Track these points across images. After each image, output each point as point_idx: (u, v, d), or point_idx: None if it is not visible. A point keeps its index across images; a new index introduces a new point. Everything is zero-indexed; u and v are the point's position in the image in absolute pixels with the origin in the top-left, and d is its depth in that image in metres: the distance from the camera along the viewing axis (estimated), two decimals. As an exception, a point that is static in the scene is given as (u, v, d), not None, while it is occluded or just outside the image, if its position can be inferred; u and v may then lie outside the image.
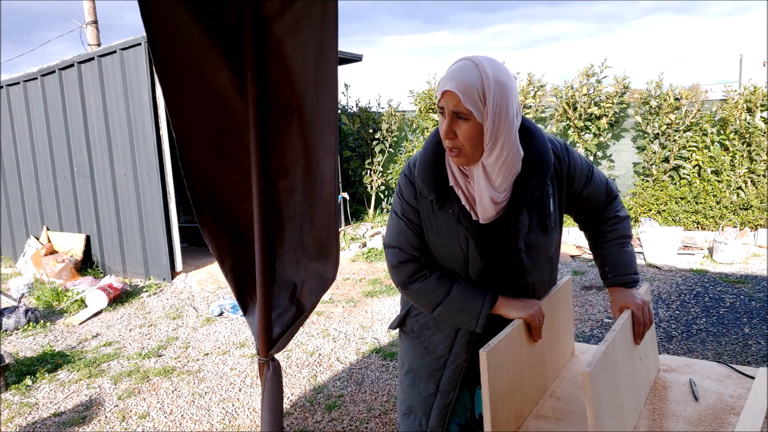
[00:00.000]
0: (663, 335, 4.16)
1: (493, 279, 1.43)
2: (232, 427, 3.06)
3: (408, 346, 1.60)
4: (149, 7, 1.15)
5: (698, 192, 7.49)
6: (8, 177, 7.90)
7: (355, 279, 6.04)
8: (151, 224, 6.07)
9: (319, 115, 1.33)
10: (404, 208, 1.44)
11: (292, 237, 1.48)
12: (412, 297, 1.48)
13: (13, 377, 3.75)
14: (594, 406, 1.08)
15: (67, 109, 6.63)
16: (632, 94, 8.29)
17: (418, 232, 1.44)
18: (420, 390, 1.56)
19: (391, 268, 1.47)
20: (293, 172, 1.40)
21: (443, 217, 1.39)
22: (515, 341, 1.34)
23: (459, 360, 1.49)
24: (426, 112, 9.28)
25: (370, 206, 9.95)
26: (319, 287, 1.49)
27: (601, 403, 1.12)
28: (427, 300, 1.44)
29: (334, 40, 1.22)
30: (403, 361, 1.64)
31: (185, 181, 1.37)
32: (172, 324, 4.83)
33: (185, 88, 1.28)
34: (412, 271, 1.44)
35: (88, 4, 10.07)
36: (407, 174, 1.44)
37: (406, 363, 1.62)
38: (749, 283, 5.30)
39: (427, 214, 1.41)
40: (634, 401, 1.35)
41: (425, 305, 1.46)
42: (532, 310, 1.39)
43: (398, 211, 1.46)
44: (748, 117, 7.29)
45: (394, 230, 1.47)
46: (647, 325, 1.44)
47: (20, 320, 4.85)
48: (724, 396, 1.44)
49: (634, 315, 1.43)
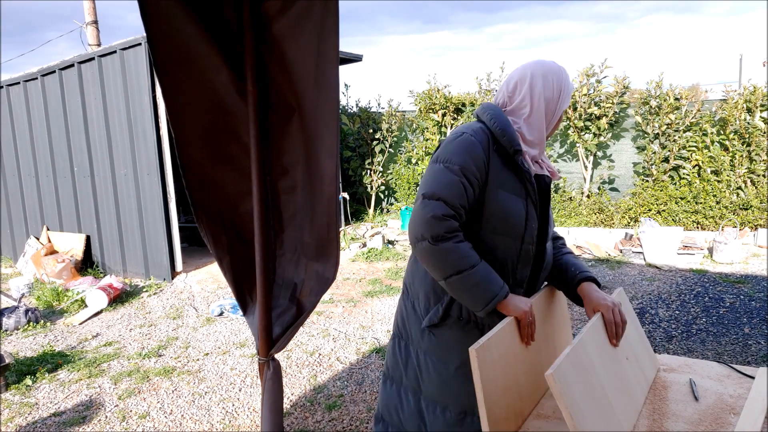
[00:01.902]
0: (663, 335, 4.16)
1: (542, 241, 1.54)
2: (232, 427, 3.06)
3: (457, 337, 1.50)
4: (149, 7, 1.14)
5: (698, 192, 7.50)
6: (8, 177, 7.90)
7: (355, 279, 6.04)
8: (151, 224, 6.07)
9: (319, 115, 1.33)
10: (466, 164, 1.42)
11: (292, 237, 1.48)
12: (435, 254, 1.39)
13: (13, 377, 3.75)
14: (567, 406, 1.10)
15: (67, 109, 6.63)
16: (632, 94, 8.29)
17: (470, 192, 1.43)
18: None
19: (431, 219, 1.39)
20: (293, 172, 1.40)
21: (511, 173, 1.47)
22: (507, 339, 1.35)
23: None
24: (426, 112, 9.28)
25: (370, 206, 9.95)
26: (319, 287, 1.49)
27: (577, 403, 1.13)
28: (451, 263, 1.39)
29: (334, 40, 1.22)
30: (447, 358, 1.51)
31: (184, 180, 1.37)
32: (173, 324, 4.83)
33: (185, 88, 1.28)
34: (451, 227, 1.40)
35: (88, 4, 10.07)
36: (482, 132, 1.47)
37: (453, 360, 1.50)
38: (749, 283, 5.30)
39: (497, 170, 1.46)
40: (627, 400, 1.35)
41: (444, 268, 1.40)
42: (525, 308, 1.41)
43: (455, 166, 1.42)
44: (748, 117, 7.30)
45: (443, 182, 1.42)
46: (620, 326, 1.45)
47: (20, 320, 4.85)
48: (724, 396, 1.44)
49: (604, 317, 1.45)
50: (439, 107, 9.10)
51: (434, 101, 9.13)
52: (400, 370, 1.62)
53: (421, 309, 1.57)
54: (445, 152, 1.45)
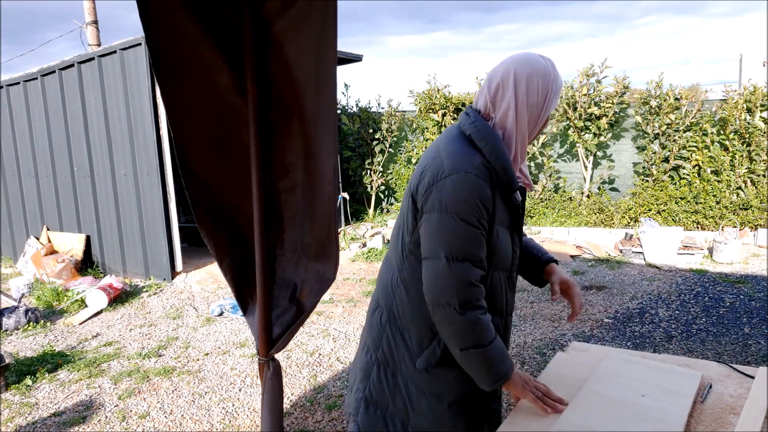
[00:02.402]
0: (663, 335, 4.16)
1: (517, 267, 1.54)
2: (232, 427, 3.06)
3: (454, 375, 1.44)
4: (148, 8, 1.14)
5: (698, 192, 7.49)
6: (8, 177, 7.90)
7: (355, 279, 6.04)
8: (151, 224, 6.07)
9: (319, 115, 1.33)
10: (480, 211, 1.31)
11: (292, 237, 1.48)
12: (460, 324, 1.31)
13: (13, 377, 3.75)
14: None
15: (67, 109, 6.63)
16: (632, 94, 8.29)
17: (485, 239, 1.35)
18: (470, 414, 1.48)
19: (468, 286, 1.30)
20: (293, 172, 1.40)
21: (505, 207, 1.39)
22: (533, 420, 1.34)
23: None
24: (426, 112, 9.28)
25: (370, 206, 9.95)
26: (319, 287, 1.49)
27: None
28: (473, 336, 1.31)
29: (333, 40, 1.22)
30: (441, 394, 1.46)
31: (184, 181, 1.37)
32: (172, 324, 4.83)
33: (184, 88, 1.28)
34: (480, 295, 1.33)
35: (88, 4, 10.08)
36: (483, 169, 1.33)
37: (447, 396, 1.46)
38: (749, 283, 5.30)
39: (500, 208, 1.37)
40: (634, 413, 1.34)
41: (464, 339, 1.32)
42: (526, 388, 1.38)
43: (473, 217, 1.30)
44: (748, 117, 7.29)
45: (466, 239, 1.30)
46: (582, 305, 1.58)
47: (20, 320, 4.85)
48: (724, 396, 1.43)
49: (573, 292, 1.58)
50: (439, 107, 9.10)
51: (434, 101, 9.13)
52: (387, 399, 1.52)
53: (414, 345, 1.47)
54: (455, 201, 1.30)
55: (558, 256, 6.53)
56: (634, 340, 4.09)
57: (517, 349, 3.96)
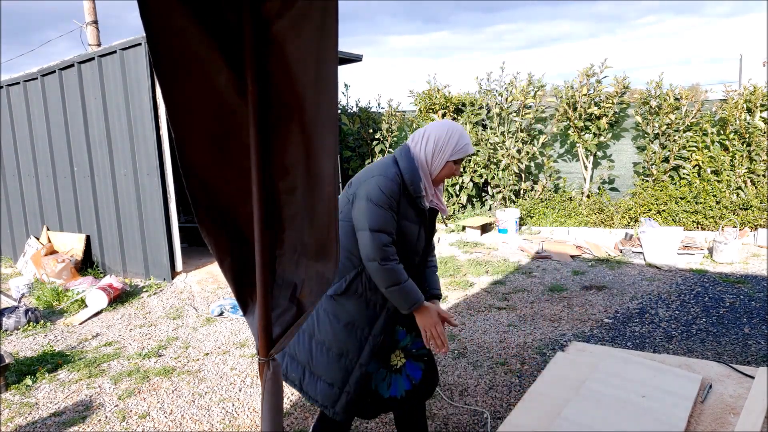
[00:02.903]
0: (663, 335, 4.16)
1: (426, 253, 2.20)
2: (232, 427, 3.06)
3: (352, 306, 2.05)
4: (149, 8, 1.14)
5: (698, 192, 7.50)
6: (8, 177, 7.90)
7: (355, 279, 6.04)
8: (151, 224, 6.07)
9: (319, 115, 1.33)
10: (390, 202, 1.98)
11: (292, 237, 1.48)
12: (382, 272, 1.93)
13: (13, 377, 3.75)
14: None
15: (67, 109, 6.63)
16: (632, 94, 8.30)
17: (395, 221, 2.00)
18: (357, 335, 2.04)
19: (381, 247, 1.93)
20: (293, 172, 1.40)
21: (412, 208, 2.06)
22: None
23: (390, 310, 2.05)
24: (426, 112, 9.28)
25: (370, 206, 9.94)
26: (319, 287, 1.49)
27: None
28: (391, 278, 1.94)
29: (334, 40, 1.22)
30: (338, 317, 2.06)
31: (184, 181, 1.37)
32: (172, 324, 4.83)
33: (185, 88, 1.28)
34: (393, 252, 1.96)
35: (88, 4, 10.08)
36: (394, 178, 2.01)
37: (344, 318, 2.06)
38: (749, 283, 5.30)
39: (404, 207, 2.04)
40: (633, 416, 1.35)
41: (386, 281, 1.94)
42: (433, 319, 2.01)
43: (384, 204, 1.97)
44: (748, 117, 7.30)
45: (381, 218, 1.96)
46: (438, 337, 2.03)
47: (20, 320, 4.85)
48: (724, 396, 1.44)
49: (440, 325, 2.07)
50: (439, 107, 9.10)
51: (434, 101, 9.13)
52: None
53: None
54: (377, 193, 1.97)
55: (558, 256, 6.54)
56: (634, 340, 4.09)
57: (517, 349, 3.96)
